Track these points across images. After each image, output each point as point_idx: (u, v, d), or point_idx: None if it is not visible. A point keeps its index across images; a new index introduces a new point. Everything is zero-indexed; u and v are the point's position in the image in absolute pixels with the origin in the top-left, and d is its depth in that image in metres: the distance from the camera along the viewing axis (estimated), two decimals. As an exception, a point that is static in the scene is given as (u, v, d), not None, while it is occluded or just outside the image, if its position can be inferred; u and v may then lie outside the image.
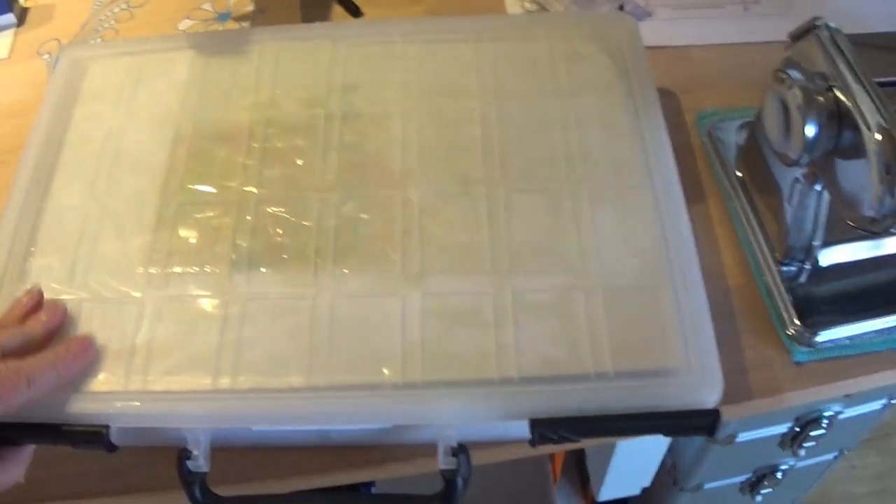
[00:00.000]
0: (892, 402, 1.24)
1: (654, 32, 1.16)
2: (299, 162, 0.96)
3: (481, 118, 0.99)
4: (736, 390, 0.87)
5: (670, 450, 1.31)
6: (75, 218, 0.93)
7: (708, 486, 1.35)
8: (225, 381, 0.81)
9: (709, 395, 0.79)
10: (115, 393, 0.80)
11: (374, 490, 1.62)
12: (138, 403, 0.79)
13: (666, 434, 0.80)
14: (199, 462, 0.78)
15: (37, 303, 0.85)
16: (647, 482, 1.28)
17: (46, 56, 1.26)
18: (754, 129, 0.95)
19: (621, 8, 1.16)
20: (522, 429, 0.78)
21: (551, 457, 1.61)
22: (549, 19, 1.16)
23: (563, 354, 0.81)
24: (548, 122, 0.98)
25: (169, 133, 1.00)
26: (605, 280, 0.86)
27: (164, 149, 0.98)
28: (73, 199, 0.95)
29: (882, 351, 0.91)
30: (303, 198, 0.93)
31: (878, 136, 0.76)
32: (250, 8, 1.23)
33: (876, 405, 1.23)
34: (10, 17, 1.31)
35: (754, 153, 0.96)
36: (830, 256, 0.94)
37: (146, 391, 0.80)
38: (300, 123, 0.99)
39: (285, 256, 0.89)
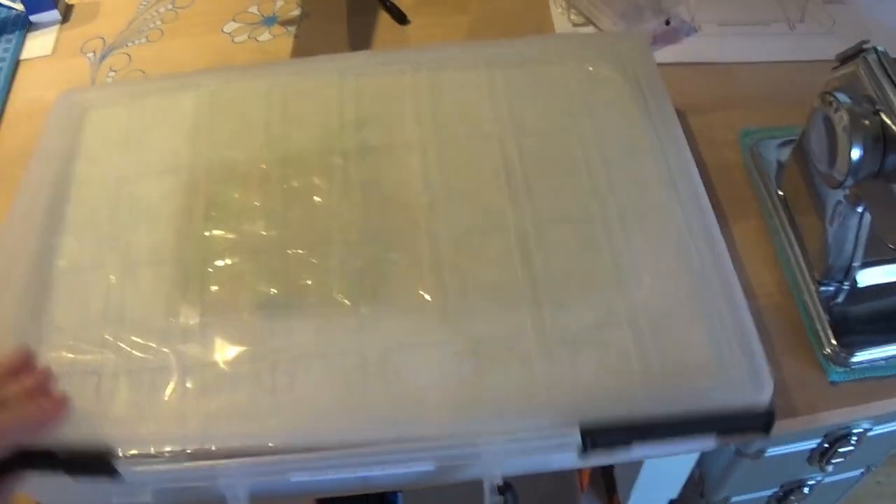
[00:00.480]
0: (921, 420, 1.24)
1: (699, 48, 1.17)
2: (318, 200, 0.94)
3: (500, 146, 0.98)
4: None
5: (699, 462, 1.31)
6: (89, 272, 0.91)
7: (735, 499, 1.35)
8: (262, 437, 0.78)
9: (760, 395, 0.80)
10: (151, 456, 0.77)
11: (399, 496, 1.62)
12: (177, 466, 0.77)
13: (722, 434, 0.80)
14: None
15: (23, 363, 0.78)
16: (674, 494, 1.28)
17: (90, 54, 1.26)
18: (798, 148, 0.95)
19: (668, 23, 1.16)
20: (566, 459, 0.80)
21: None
22: (560, 41, 1.15)
23: (611, 383, 0.81)
24: (567, 146, 0.98)
25: (181, 179, 0.97)
26: (643, 305, 0.86)
27: (177, 195, 0.96)
28: (85, 255, 0.92)
29: (917, 372, 0.91)
30: (325, 240, 0.91)
31: (923, 161, 0.76)
32: (296, 12, 1.24)
33: (905, 424, 1.23)
34: (54, 14, 1.32)
35: (797, 173, 0.96)
36: (869, 277, 0.94)
37: (181, 451, 0.77)
38: (315, 161, 0.98)
39: (312, 301, 0.87)
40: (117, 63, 1.25)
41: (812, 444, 1.19)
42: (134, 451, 0.77)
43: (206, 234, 0.92)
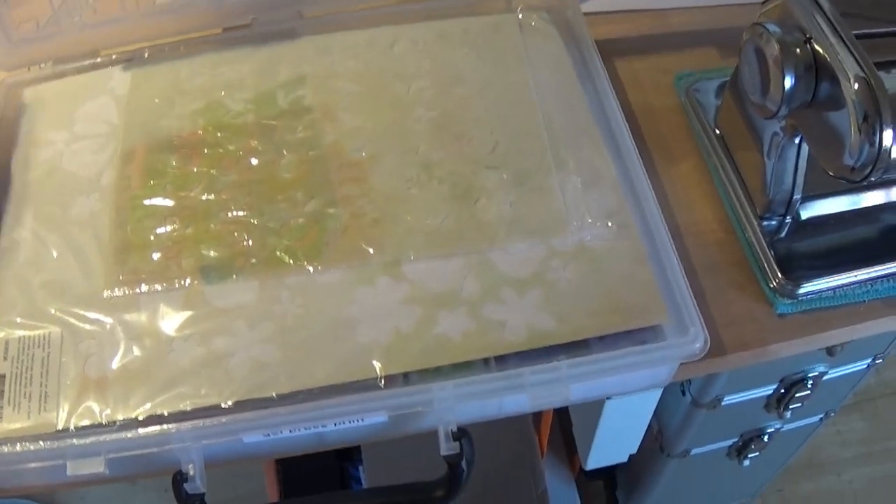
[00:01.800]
0: (877, 361, 1.24)
1: (631, -5, 1.17)
2: (255, 162, 0.94)
3: (433, 97, 0.98)
4: (721, 343, 0.88)
5: (656, 416, 1.31)
6: (30, 249, 0.90)
7: (695, 451, 1.36)
8: (211, 398, 0.78)
9: (693, 348, 0.80)
10: (102, 426, 0.78)
11: (361, 469, 1.62)
12: (128, 434, 0.76)
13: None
14: (196, 483, 0.76)
15: None
16: (633, 449, 1.28)
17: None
18: (733, 85, 0.95)
19: (599, -29, 1.16)
20: (518, 402, 0.80)
21: (537, 428, 1.62)
22: None
23: (551, 324, 0.82)
24: (497, 95, 0.98)
25: (116, 150, 0.96)
26: (579, 246, 0.87)
27: (113, 167, 0.95)
28: (24, 230, 0.91)
29: (865, 301, 0.92)
30: (264, 200, 0.91)
31: (856, 85, 0.76)
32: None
33: (860, 365, 1.24)
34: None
35: (732, 110, 0.96)
36: (811, 210, 0.95)
37: (132, 419, 0.78)
38: (250, 124, 0.97)
39: (254, 261, 0.87)
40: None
41: (768, 389, 1.20)
42: (85, 422, 0.78)
43: (146, 202, 0.92)
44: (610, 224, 0.88)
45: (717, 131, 1.01)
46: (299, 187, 0.91)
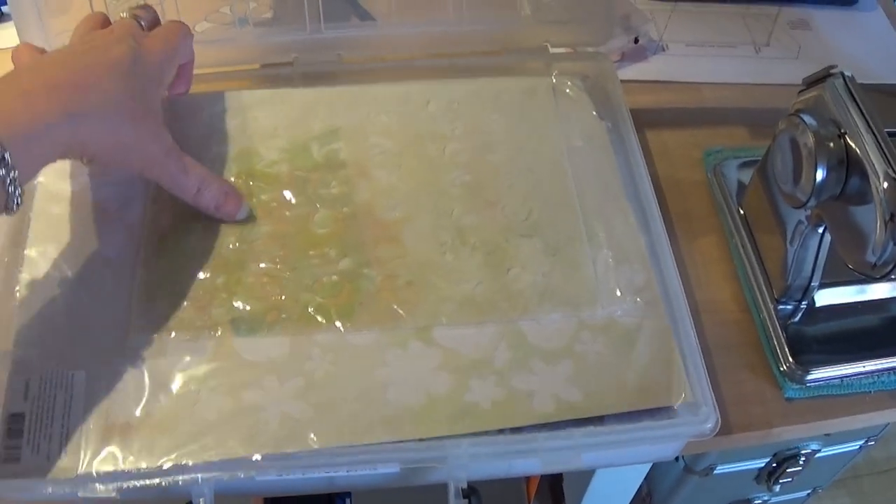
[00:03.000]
0: (870, 443, 1.26)
1: (667, 66, 1.18)
2: (288, 215, 0.92)
3: (467, 162, 0.98)
4: (728, 422, 0.89)
5: (647, 477, 1.32)
6: (56, 289, 0.86)
7: (681, 515, 1.37)
8: (238, 451, 0.77)
9: (704, 428, 0.81)
10: (124, 472, 0.75)
11: (349, 502, 1.62)
12: (149, 482, 0.75)
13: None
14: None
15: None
16: (622, 508, 1.29)
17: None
18: (762, 168, 0.96)
19: (636, 41, 1.18)
20: (529, 465, 0.81)
21: (526, 478, 1.62)
22: (526, 56, 1.12)
23: (578, 396, 0.82)
24: (534, 163, 0.98)
25: (146, 190, 0.93)
26: (609, 320, 0.87)
27: (138, 208, 0.92)
28: (48, 268, 0.87)
29: (870, 392, 0.93)
30: (298, 254, 0.89)
31: (885, 184, 0.77)
32: (269, 15, 1.24)
33: (854, 446, 1.25)
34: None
35: (759, 193, 0.98)
36: (826, 298, 0.96)
37: (157, 467, 0.76)
38: (284, 174, 0.95)
39: (285, 316, 0.85)
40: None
41: (761, 462, 1.21)
42: (108, 468, 0.76)
43: (175, 247, 0.90)
44: (638, 300, 0.88)
45: (742, 211, 1.02)
46: (333, 244, 0.90)
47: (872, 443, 1.27)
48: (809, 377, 0.91)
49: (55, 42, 0.98)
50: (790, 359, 0.92)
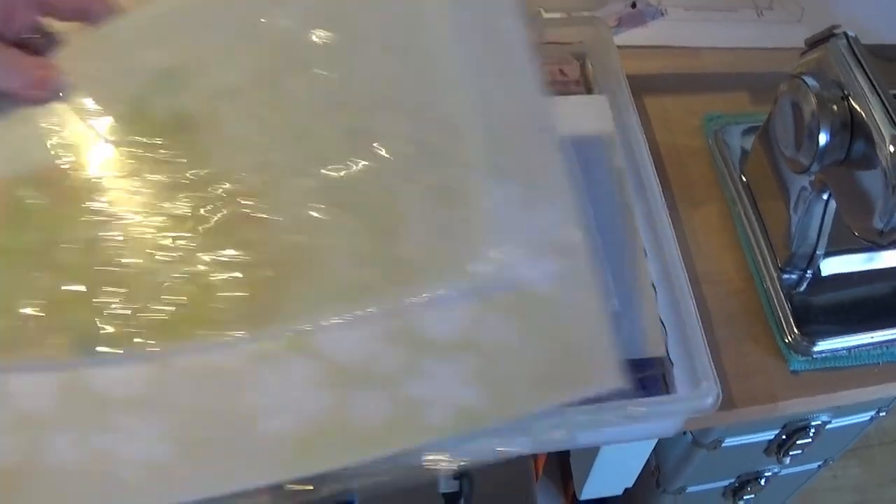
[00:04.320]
0: (881, 414, 1.24)
1: (665, 31, 1.16)
2: (135, 210, 0.74)
3: (336, 89, 0.80)
4: (731, 396, 0.87)
5: (655, 451, 1.31)
6: None
7: (691, 489, 1.35)
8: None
9: (705, 403, 0.78)
10: None
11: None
12: None
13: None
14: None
15: None
16: (630, 483, 1.27)
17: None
18: (763, 134, 0.94)
19: (633, 6, 1.15)
20: (520, 443, 0.73)
21: (534, 454, 1.61)
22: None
23: (483, 401, 0.69)
24: (421, 77, 0.81)
25: None
26: (518, 293, 0.72)
27: None
28: None
29: (879, 364, 0.91)
30: (141, 253, 0.72)
31: (892, 148, 0.75)
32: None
33: (864, 417, 1.23)
34: None
35: (761, 159, 0.95)
36: (832, 266, 0.94)
37: None
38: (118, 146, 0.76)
39: (132, 331, 0.69)
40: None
41: (770, 435, 1.19)
42: None
43: (9, 247, 0.72)
44: (558, 262, 0.73)
45: (744, 178, 1.00)
46: (185, 234, 0.73)
47: (884, 413, 1.25)
48: (815, 348, 0.90)
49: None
50: (795, 329, 0.90)
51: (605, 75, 1.00)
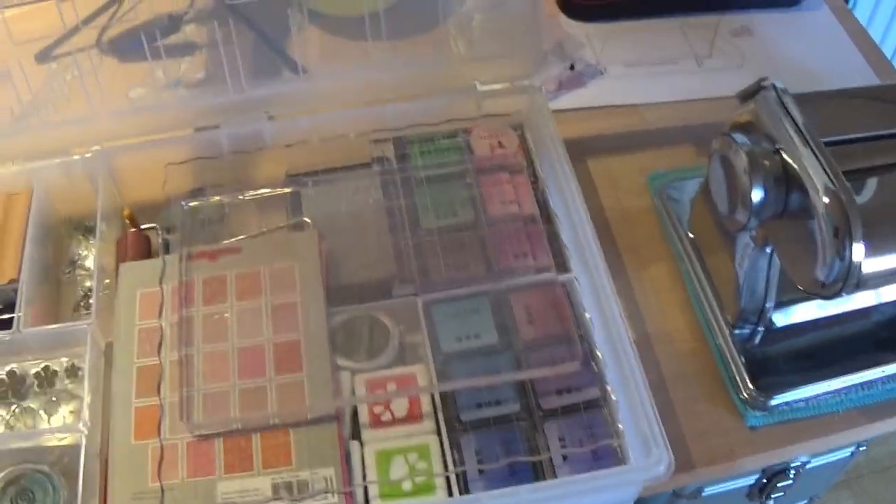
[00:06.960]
0: (861, 448, 1.23)
1: (606, 91, 1.16)
2: None
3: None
4: (690, 457, 0.87)
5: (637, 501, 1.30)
6: None
7: (676, 539, 1.34)
8: None
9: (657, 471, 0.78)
10: None
11: None
12: None
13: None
14: None
15: None
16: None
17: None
18: (706, 190, 0.94)
19: (572, 68, 1.15)
20: None
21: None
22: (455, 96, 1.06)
23: None
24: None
25: None
26: None
27: None
28: None
29: (839, 412, 0.90)
30: None
31: (826, 199, 0.75)
32: (201, 75, 1.22)
33: (844, 454, 1.22)
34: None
35: (704, 215, 0.95)
36: (784, 318, 0.94)
37: None
38: None
39: None
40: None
41: (750, 480, 1.18)
42: None
43: None
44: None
45: (691, 235, 1.00)
46: None
47: (864, 448, 1.24)
48: (772, 402, 0.89)
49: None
50: (750, 385, 0.90)
51: (543, 144, 1.00)
